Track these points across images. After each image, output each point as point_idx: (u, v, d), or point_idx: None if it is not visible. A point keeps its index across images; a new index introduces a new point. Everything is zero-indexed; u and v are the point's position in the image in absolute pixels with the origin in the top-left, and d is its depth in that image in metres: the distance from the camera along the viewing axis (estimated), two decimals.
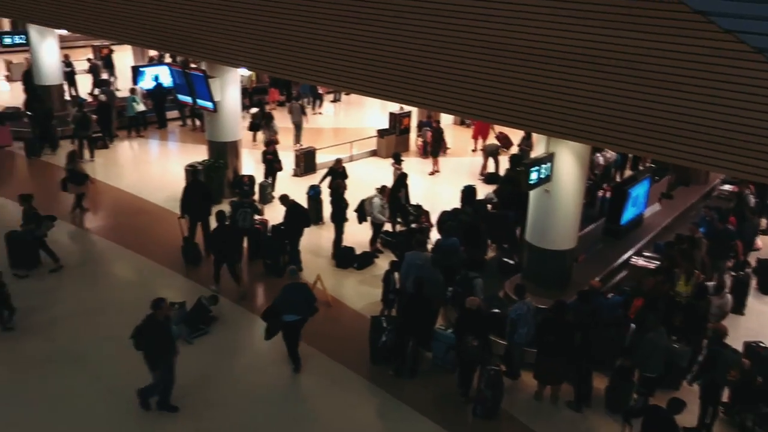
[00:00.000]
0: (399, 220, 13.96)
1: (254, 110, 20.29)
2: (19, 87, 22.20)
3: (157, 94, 20.66)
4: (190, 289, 11.69)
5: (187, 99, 15.14)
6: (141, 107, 20.08)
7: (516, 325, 9.29)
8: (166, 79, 20.47)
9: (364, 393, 9.49)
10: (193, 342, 10.17)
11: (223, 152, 15.28)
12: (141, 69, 22.11)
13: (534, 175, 9.80)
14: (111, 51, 25.58)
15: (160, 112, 20.77)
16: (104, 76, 24.63)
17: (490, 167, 17.76)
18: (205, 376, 9.52)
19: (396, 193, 13.66)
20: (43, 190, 14.89)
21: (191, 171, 14.12)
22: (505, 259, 11.94)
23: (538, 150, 10.55)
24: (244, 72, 16.49)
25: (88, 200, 14.64)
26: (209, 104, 14.43)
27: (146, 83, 21.26)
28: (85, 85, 23.65)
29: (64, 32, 19.87)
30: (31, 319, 10.58)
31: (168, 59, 25.02)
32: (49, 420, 8.55)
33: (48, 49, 19.51)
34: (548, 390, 9.32)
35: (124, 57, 26.11)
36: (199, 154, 16.09)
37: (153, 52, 25.80)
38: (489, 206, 13.37)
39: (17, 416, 8.59)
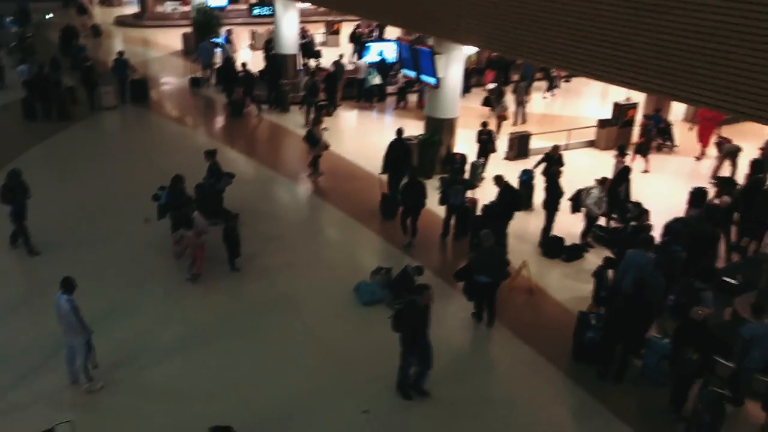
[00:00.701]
0: (614, 215, 13.08)
1: (491, 86, 20.43)
2: (260, 55, 24.34)
3: (381, 68, 21.42)
4: (396, 256, 12.00)
5: (411, 73, 15.45)
6: (377, 80, 21.04)
7: (749, 347, 8.22)
8: (390, 55, 21.22)
9: (561, 388, 9.03)
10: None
11: (440, 128, 15.39)
12: (366, 44, 23.06)
13: None
14: (358, 26, 27.18)
15: (381, 85, 21.51)
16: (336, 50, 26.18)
17: (725, 170, 15.95)
18: None
19: (616, 187, 12.79)
20: (271, 148, 16.19)
21: (396, 130, 14.24)
22: (727, 279, 10.66)
23: None
24: (469, 50, 16.43)
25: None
26: (432, 80, 14.58)
27: (371, 57, 22.10)
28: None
29: (306, 6, 21.39)
30: (253, 263, 11.55)
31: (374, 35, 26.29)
32: (264, 356, 9.27)
33: (289, 21, 21.08)
34: None
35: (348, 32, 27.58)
36: (415, 129, 16.42)
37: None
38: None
39: (240, 348, 9.43)
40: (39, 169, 14.77)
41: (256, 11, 23.59)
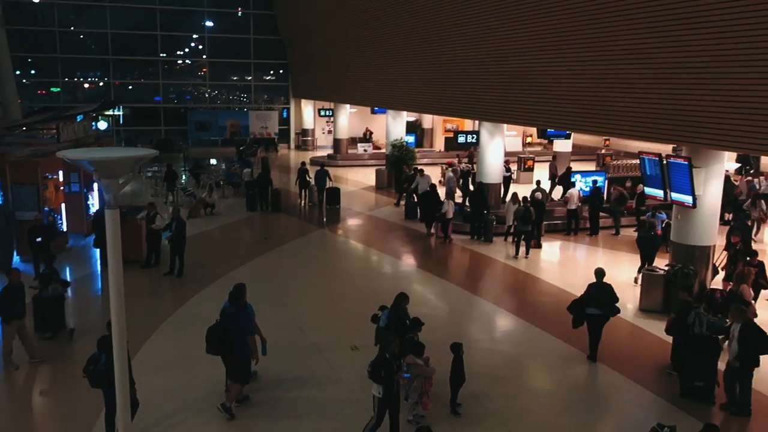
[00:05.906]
0: None
1: None
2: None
3: (594, 197, 19.41)
4: (664, 409, 9.25)
5: (657, 193, 13.23)
6: None
7: None
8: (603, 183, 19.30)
9: None
10: None
11: (691, 257, 12.80)
12: (573, 174, 21.38)
13: None
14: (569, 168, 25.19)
15: (594, 217, 19.39)
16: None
17: None
18: None
19: None
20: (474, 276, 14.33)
21: None
22: None
23: None
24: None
25: None
26: (687, 198, 12.27)
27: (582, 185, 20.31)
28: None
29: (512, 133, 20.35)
30: (480, 407, 9.36)
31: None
32: None
33: (495, 149, 20.11)
34: None
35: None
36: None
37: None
38: None
39: None
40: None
41: (461, 139, 23.05)
